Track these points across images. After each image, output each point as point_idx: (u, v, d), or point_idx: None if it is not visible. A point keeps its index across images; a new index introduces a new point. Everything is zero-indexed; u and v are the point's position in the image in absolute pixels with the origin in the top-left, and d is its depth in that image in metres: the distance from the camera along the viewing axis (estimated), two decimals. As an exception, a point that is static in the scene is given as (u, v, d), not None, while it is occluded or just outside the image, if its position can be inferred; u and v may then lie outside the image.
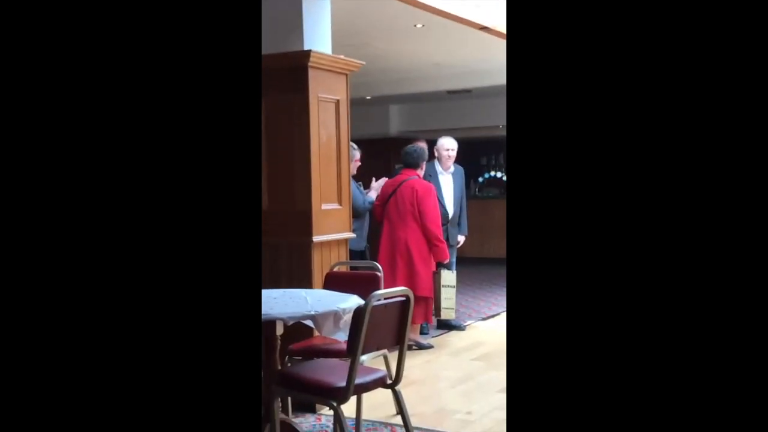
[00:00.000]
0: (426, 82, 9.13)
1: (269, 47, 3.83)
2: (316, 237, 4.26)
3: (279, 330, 3.16)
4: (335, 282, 3.88)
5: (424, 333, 6.01)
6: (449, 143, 6.35)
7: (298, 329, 3.63)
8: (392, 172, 8.33)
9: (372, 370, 3.19)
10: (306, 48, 4.24)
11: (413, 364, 5.07)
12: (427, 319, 5.80)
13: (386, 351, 3.65)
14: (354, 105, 4.78)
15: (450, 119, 10.60)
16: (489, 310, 7.38)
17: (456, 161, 6.43)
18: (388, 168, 10.15)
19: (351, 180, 4.84)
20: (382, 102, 10.82)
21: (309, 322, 3.06)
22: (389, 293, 3.04)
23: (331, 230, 4.40)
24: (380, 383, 3.15)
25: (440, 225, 5.66)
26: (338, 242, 4.48)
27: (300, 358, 3.70)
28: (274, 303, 3.14)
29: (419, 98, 10.42)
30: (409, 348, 5.06)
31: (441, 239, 5.59)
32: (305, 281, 4.21)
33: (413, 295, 3.10)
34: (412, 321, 3.43)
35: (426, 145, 6.30)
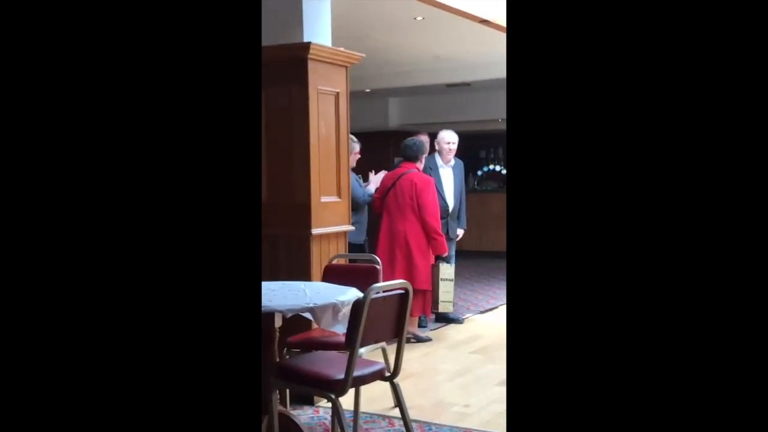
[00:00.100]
0: (425, 75, 9.11)
1: (269, 39, 3.82)
2: (315, 229, 4.26)
3: (278, 322, 3.17)
4: (334, 275, 3.89)
5: (423, 326, 6.02)
6: (450, 136, 6.34)
7: (297, 322, 3.62)
8: (391, 165, 8.33)
9: (370, 363, 3.20)
10: (306, 40, 4.23)
11: (411, 357, 5.08)
12: (425, 312, 5.81)
13: (385, 344, 3.66)
14: (353, 98, 4.77)
15: (449, 112, 10.60)
16: (487, 304, 7.39)
17: (455, 155, 6.43)
18: (387, 161, 10.15)
19: (350, 173, 4.84)
20: (382, 95, 10.81)
21: (308, 315, 3.06)
22: (388, 286, 3.04)
23: (330, 223, 4.40)
24: (378, 376, 3.15)
25: (439, 218, 5.66)
26: (337, 235, 4.48)
27: (298, 351, 3.70)
28: (273, 295, 3.14)
29: (419, 91, 10.41)
30: (408, 341, 5.07)
31: (440, 232, 5.60)
32: (304, 274, 4.21)
33: (412, 288, 3.10)
34: (410, 314, 3.43)
35: (427, 138, 6.30)
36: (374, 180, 5.89)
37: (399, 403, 3.19)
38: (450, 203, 6.24)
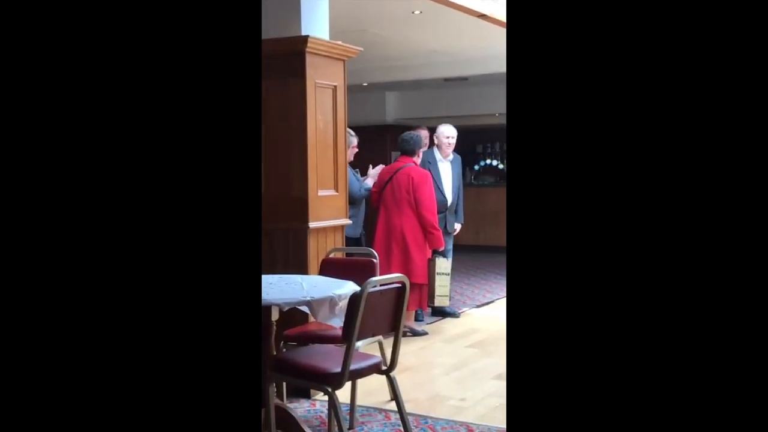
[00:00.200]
0: (423, 70, 9.10)
1: (267, 32, 3.80)
2: (313, 223, 4.26)
3: (274, 315, 3.17)
4: (331, 268, 3.89)
5: (419, 320, 6.03)
6: (449, 131, 6.33)
7: (294, 315, 3.63)
8: (388, 159, 8.32)
9: (367, 356, 3.21)
10: (303, 33, 4.22)
11: (408, 351, 5.09)
12: (422, 306, 5.82)
13: (381, 337, 3.67)
14: (350, 92, 4.77)
15: (446, 107, 10.58)
16: (483, 298, 7.40)
17: (454, 149, 6.43)
18: (385, 155, 10.14)
19: (348, 167, 4.84)
20: (379, 89, 10.79)
21: (305, 308, 3.06)
22: (385, 280, 3.05)
23: (328, 217, 4.40)
24: (375, 369, 3.16)
25: (436, 213, 5.66)
26: (334, 229, 4.48)
27: (295, 344, 3.71)
28: (270, 288, 3.15)
29: (416, 85, 10.39)
30: (404, 334, 5.08)
31: (436, 227, 5.60)
32: (301, 267, 4.21)
33: (409, 282, 3.11)
34: (407, 308, 3.44)
35: (427, 133, 6.29)
36: (371, 174, 5.89)
37: (395, 397, 3.20)
38: (449, 198, 6.25)
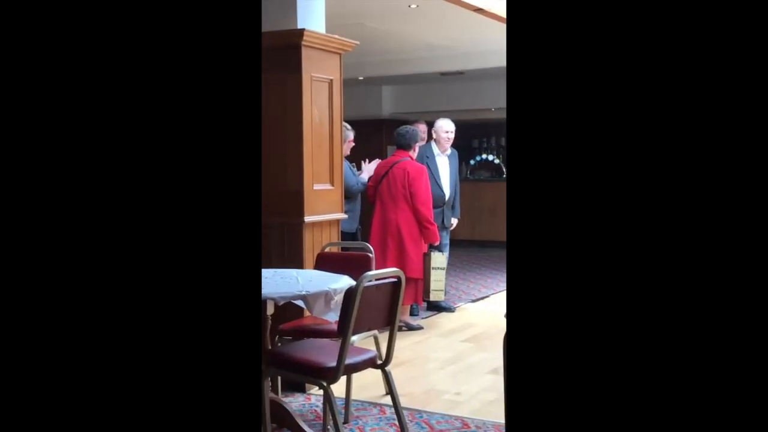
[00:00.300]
0: (419, 64, 9.08)
1: (263, 25, 3.78)
2: (308, 217, 4.25)
3: (270, 310, 3.17)
4: (326, 262, 3.89)
5: (415, 314, 6.04)
6: (448, 125, 6.32)
7: (289, 309, 3.63)
8: (384, 153, 8.31)
9: (362, 351, 3.20)
10: (299, 27, 4.21)
11: (403, 345, 5.09)
12: (417, 301, 5.82)
13: (377, 332, 3.67)
14: (346, 85, 4.76)
15: (443, 101, 10.57)
16: (479, 292, 7.41)
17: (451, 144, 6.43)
18: (381, 149, 10.13)
19: (344, 161, 4.83)
20: (375, 83, 10.78)
21: (300, 302, 3.06)
22: (381, 274, 3.05)
23: (323, 211, 4.39)
24: (370, 364, 3.16)
25: (431, 207, 5.65)
26: (330, 223, 4.47)
27: (290, 338, 3.71)
28: (265, 283, 3.14)
29: (412, 79, 10.38)
30: (399, 329, 5.08)
31: (432, 221, 5.60)
32: (296, 261, 4.21)
33: (404, 277, 3.10)
34: (402, 302, 3.44)
35: (425, 127, 6.28)
36: (367, 168, 5.89)
37: (390, 391, 3.20)
38: (446, 192, 6.25)
